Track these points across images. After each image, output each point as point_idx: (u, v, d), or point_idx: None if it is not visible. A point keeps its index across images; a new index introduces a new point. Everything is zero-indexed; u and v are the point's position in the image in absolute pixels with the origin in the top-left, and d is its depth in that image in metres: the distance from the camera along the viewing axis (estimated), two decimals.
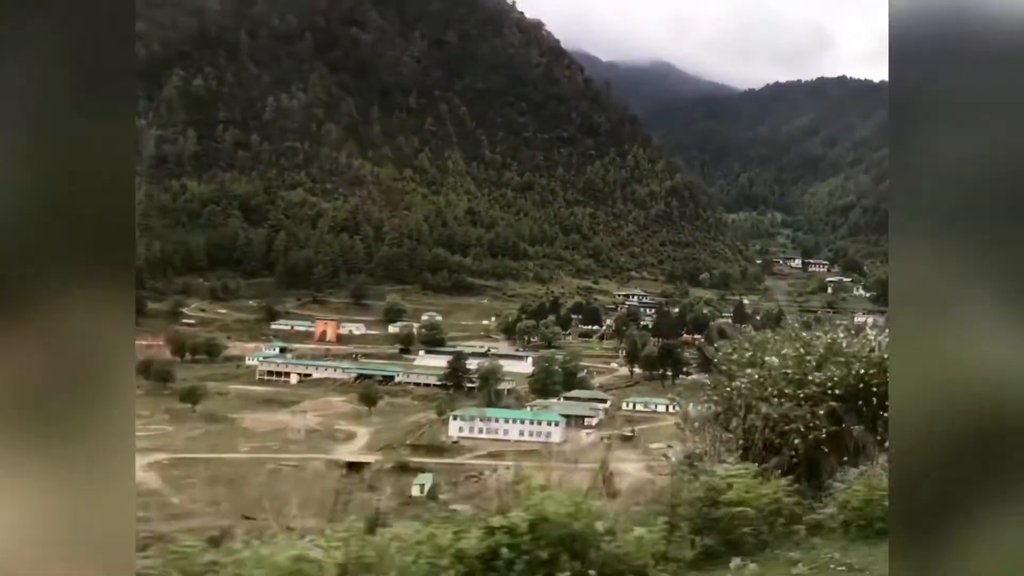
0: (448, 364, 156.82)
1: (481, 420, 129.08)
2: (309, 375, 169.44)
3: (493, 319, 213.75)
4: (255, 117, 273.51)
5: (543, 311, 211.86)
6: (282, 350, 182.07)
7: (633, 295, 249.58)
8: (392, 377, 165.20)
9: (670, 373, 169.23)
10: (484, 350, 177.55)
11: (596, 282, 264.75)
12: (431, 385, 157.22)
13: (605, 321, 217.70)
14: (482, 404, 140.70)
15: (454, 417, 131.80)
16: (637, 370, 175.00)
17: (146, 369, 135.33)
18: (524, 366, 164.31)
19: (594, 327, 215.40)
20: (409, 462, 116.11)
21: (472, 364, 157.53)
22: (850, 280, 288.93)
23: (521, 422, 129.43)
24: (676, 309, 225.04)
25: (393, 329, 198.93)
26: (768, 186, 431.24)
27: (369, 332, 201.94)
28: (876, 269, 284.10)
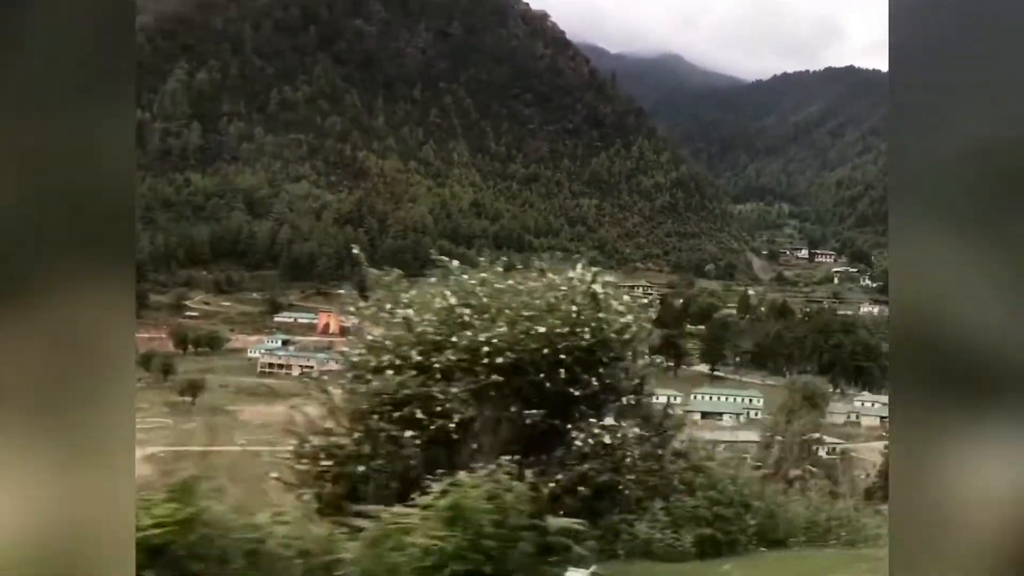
0: None
1: None
2: (311, 367, 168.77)
3: None
4: (259, 110, 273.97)
5: None
6: (284, 342, 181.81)
7: (638, 286, 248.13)
8: None
9: (672, 364, 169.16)
10: None
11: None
12: None
13: None
14: None
15: None
16: None
17: (147, 362, 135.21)
18: None
19: None
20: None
21: None
22: (856, 271, 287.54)
23: None
24: (680, 300, 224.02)
25: None
26: (775, 177, 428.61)
27: None
28: (883, 259, 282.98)
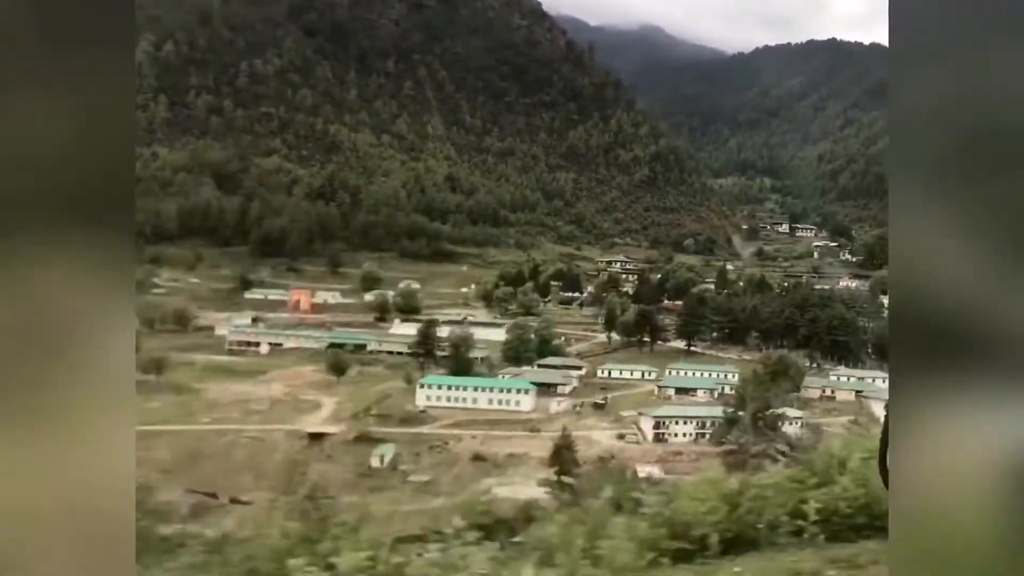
0: (418, 332, 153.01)
1: (449, 389, 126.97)
2: (280, 345, 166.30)
3: (472, 287, 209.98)
4: (228, 83, 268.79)
5: (522, 278, 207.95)
6: (254, 320, 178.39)
7: (616, 261, 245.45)
8: (364, 346, 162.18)
9: (647, 340, 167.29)
10: (461, 318, 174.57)
11: (579, 248, 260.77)
12: (403, 354, 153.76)
13: (586, 288, 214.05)
14: (453, 372, 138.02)
15: (421, 386, 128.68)
16: (616, 337, 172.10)
17: None
18: (499, 334, 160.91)
19: (575, 294, 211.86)
20: (372, 432, 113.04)
21: (445, 332, 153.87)
22: (836, 245, 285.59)
23: (490, 390, 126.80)
24: (658, 275, 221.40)
25: (369, 297, 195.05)
26: (757, 151, 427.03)
27: (345, 301, 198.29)
28: (863, 233, 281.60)
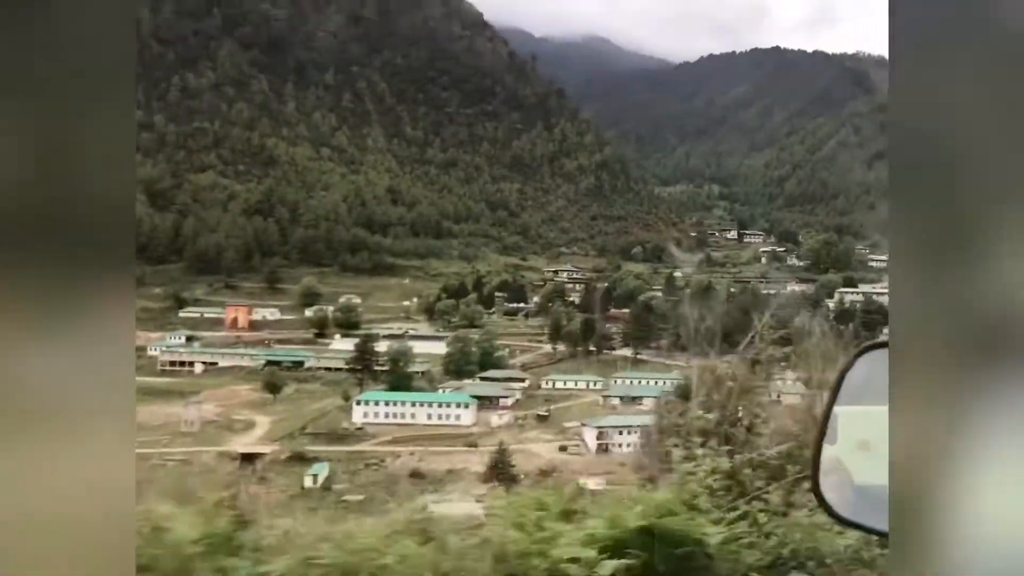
0: (355, 347, 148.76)
1: (387, 404, 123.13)
2: (215, 364, 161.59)
3: (414, 300, 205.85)
4: (160, 98, 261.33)
5: (465, 291, 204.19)
6: (188, 339, 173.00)
7: (563, 271, 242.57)
8: (302, 363, 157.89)
9: (593, 349, 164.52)
10: (402, 332, 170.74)
11: (524, 259, 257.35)
12: (342, 370, 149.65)
13: (532, 299, 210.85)
14: (392, 388, 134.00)
15: (358, 402, 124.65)
16: (561, 347, 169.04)
17: None
18: (440, 347, 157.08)
19: (521, 305, 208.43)
20: (307, 451, 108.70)
21: (383, 346, 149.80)
22: (783, 250, 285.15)
23: (428, 405, 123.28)
24: (605, 284, 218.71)
25: (308, 313, 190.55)
26: (705, 158, 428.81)
27: (284, 317, 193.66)
28: (809, 238, 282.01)
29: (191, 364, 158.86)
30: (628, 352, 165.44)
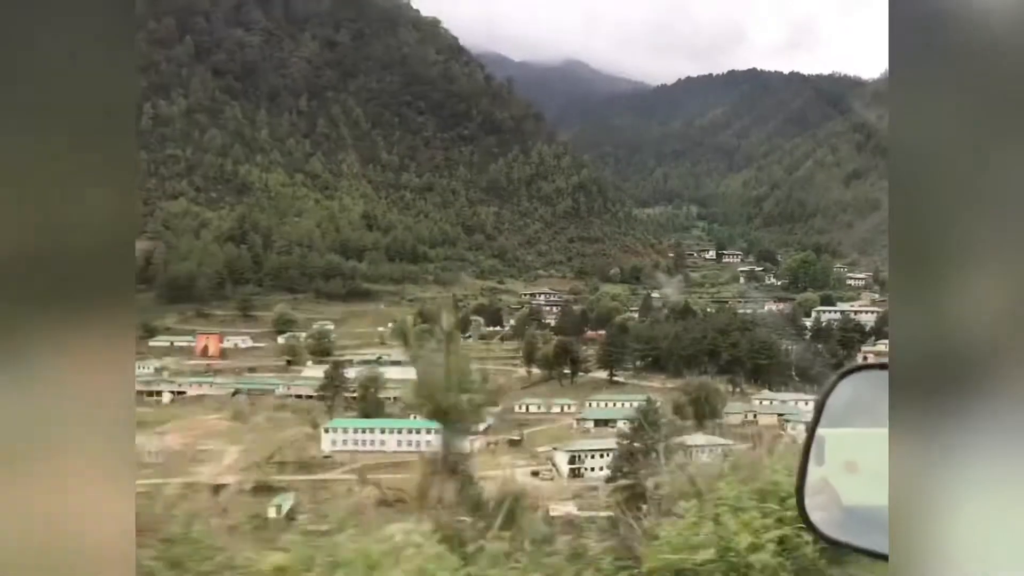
0: (324, 374, 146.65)
1: (356, 432, 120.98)
2: (183, 393, 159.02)
3: (389, 325, 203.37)
4: None
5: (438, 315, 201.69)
6: (157, 368, 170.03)
7: (540, 294, 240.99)
8: (272, 391, 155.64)
9: (568, 372, 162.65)
10: (376, 358, 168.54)
11: (502, 282, 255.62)
12: (313, 397, 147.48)
13: (509, 322, 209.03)
14: (363, 415, 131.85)
15: (326, 430, 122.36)
16: (535, 370, 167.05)
17: None
18: (412, 372, 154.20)
19: (497, 329, 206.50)
20: (272, 481, 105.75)
21: (353, 373, 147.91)
22: (762, 269, 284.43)
23: (398, 432, 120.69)
24: (581, 306, 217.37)
25: (281, 340, 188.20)
26: (683, 180, 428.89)
27: (257, 345, 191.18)
28: (787, 258, 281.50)
29: (159, 394, 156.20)
30: (603, 374, 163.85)
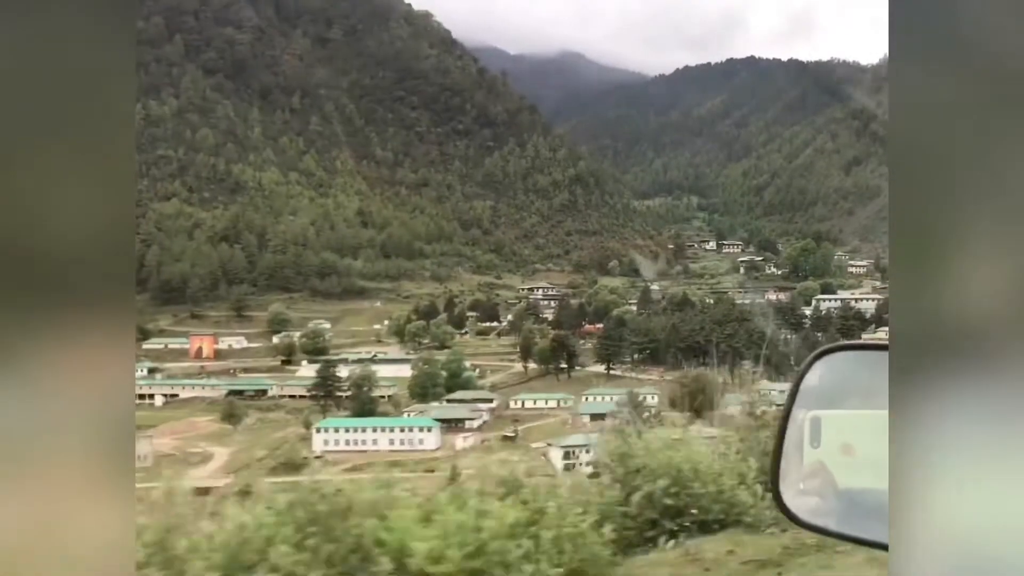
0: (317, 373, 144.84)
1: (348, 431, 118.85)
2: (176, 395, 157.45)
3: (385, 323, 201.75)
4: None
5: (434, 311, 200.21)
6: (151, 370, 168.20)
7: (538, 288, 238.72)
8: (265, 391, 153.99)
9: (564, 366, 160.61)
10: (371, 355, 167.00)
11: (499, 277, 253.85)
12: (306, 397, 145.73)
13: (507, 316, 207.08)
14: (356, 414, 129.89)
15: (318, 430, 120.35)
16: (532, 365, 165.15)
17: None
18: (406, 370, 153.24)
19: (494, 324, 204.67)
20: (264, 482, 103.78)
21: (346, 371, 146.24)
22: (762, 259, 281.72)
23: (391, 430, 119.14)
24: (581, 300, 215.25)
25: (275, 340, 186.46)
26: (683, 170, 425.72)
27: (251, 345, 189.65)
28: (788, 246, 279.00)
29: (151, 396, 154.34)
30: (601, 368, 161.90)
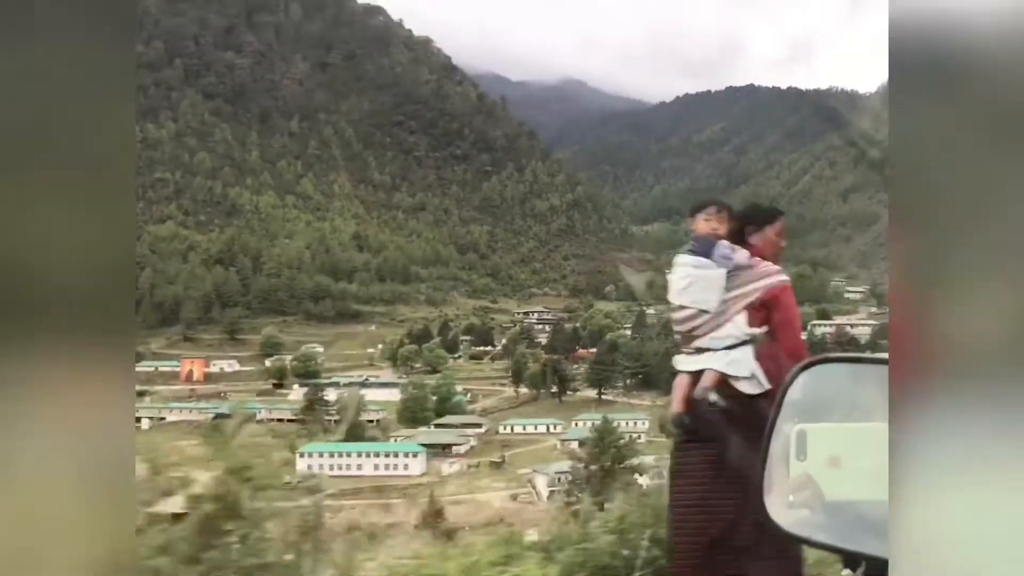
0: (304, 397, 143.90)
1: (332, 456, 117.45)
2: (163, 419, 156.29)
3: (379, 347, 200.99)
4: None
5: (429, 335, 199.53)
6: (140, 393, 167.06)
7: (533, 312, 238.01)
8: (254, 415, 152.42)
9: (556, 391, 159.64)
10: (362, 379, 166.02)
11: (495, 301, 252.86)
12: (294, 421, 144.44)
13: (501, 341, 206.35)
14: (343, 438, 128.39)
15: (301, 454, 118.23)
16: (523, 390, 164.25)
17: None
18: (396, 394, 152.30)
19: (487, 348, 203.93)
20: (244, 508, 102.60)
21: (334, 395, 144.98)
22: None
23: (376, 455, 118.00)
24: (575, 324, 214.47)
25: (268, 363, 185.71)
26: (682, 197, 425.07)
27: (243, 368, 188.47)
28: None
29: (138, 420, 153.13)
30: (593, 393, 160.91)
